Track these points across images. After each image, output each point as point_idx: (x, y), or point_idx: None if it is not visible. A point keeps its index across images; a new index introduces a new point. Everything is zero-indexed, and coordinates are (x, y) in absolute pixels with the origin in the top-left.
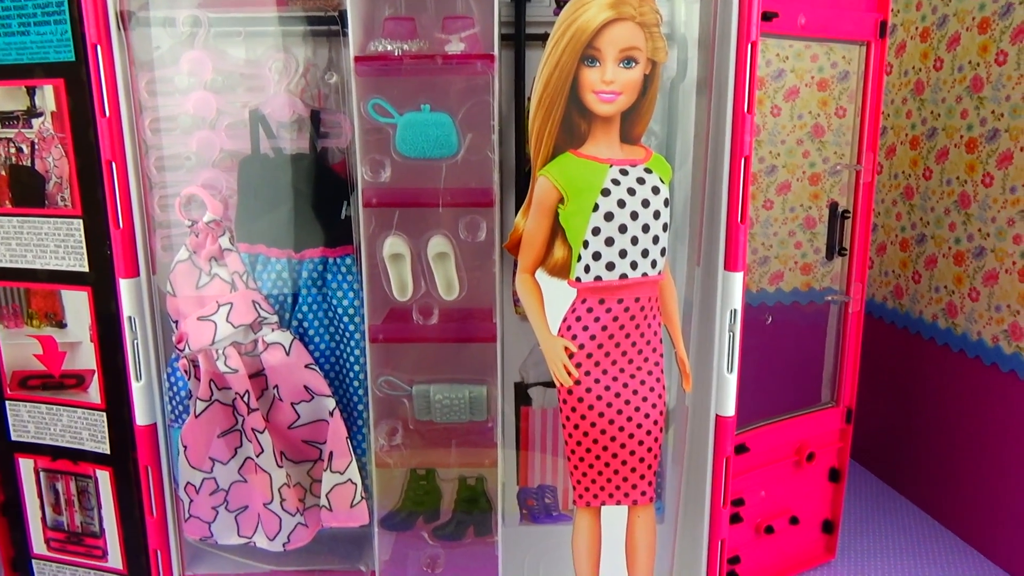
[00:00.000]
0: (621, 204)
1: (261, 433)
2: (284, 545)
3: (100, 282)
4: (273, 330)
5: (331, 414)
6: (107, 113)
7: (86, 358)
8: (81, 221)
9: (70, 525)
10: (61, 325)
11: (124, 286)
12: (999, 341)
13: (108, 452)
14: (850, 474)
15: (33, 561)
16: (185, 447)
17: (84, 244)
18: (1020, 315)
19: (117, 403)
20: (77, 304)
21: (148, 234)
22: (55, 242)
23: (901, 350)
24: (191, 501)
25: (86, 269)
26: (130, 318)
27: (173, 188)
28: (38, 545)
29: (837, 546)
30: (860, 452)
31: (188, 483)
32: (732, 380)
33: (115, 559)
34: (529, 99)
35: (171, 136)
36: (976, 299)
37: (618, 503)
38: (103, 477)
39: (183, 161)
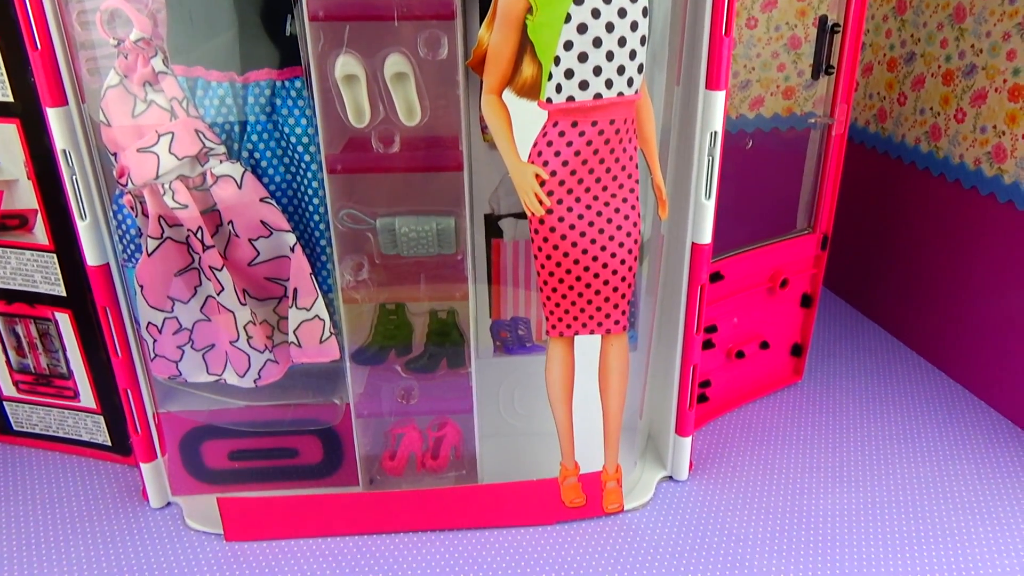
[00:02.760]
0: (595, 14)
1: (219, 271)
2: (255, 382)
3: (28, 113)
4: (222, 162)
5: (292, 250)
6: None
7: (26, 197)
8: None
9: (36, 367)
10: None
11: (52, 116)
12: (981, 164)
13: (64, 294)
14: (821, 300)
15: (4, 403)
16: (141, 287)
17: (3, 69)
18: (1005, 136)
19: (66, 243)
20: (7, 138)
21: (71, 57)
22: None
23: (880, 175)
24: (155, 341)
25: (10, 99)
26: (64, 151)
27: (91, 2)
28: (7, 387)
29: (805, 368)
30: (831, 279)
31: (149, 323)
32: (710, 207)
33: (87, 399)
34: None
35: None
36: (962, 120)
37: (592, 333)
38: (63, 319)
39: None
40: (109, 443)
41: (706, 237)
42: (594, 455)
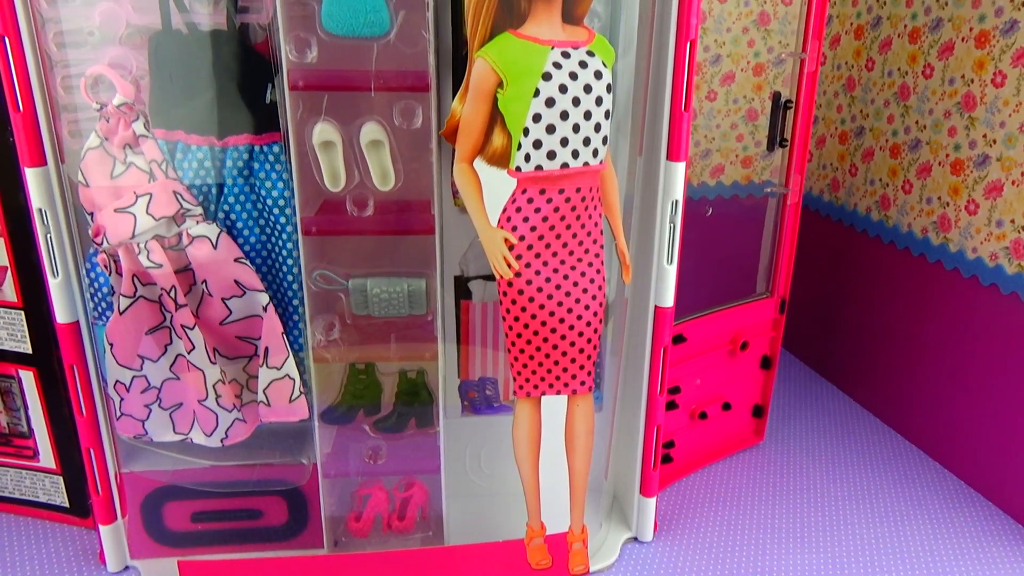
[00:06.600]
0: (563, 89)
1: (191, 329)
2: (222, 441)
3: (5, 171)
4: (198, 222)
5: (265, 309)
6: None
7: None
8: None
9: None
10: None
11: (30, 176)
12: (928, 233)
13: (30, 352)
14: (781, 362)
15: None
16: (111, 345)
17: None
18: (950, 207)
19: (35, 300)
20: None
21: (52, 119)
22: None
23: (835, 242)
24: (122, 399)
25: None
26: (40, 210)
27: (77, 67)
28: None
29: (766, 429)
30: (791, 341)
31: (117, 381)
32: (672, 272)
33: (47, 459)
34: None
35: (70, 8)
36: (909, 191)
37: (558, 393)
38: (27, 377)
39: (86, 37)
40: (67, 504)
41: (668, 300)
42: (560, 516)
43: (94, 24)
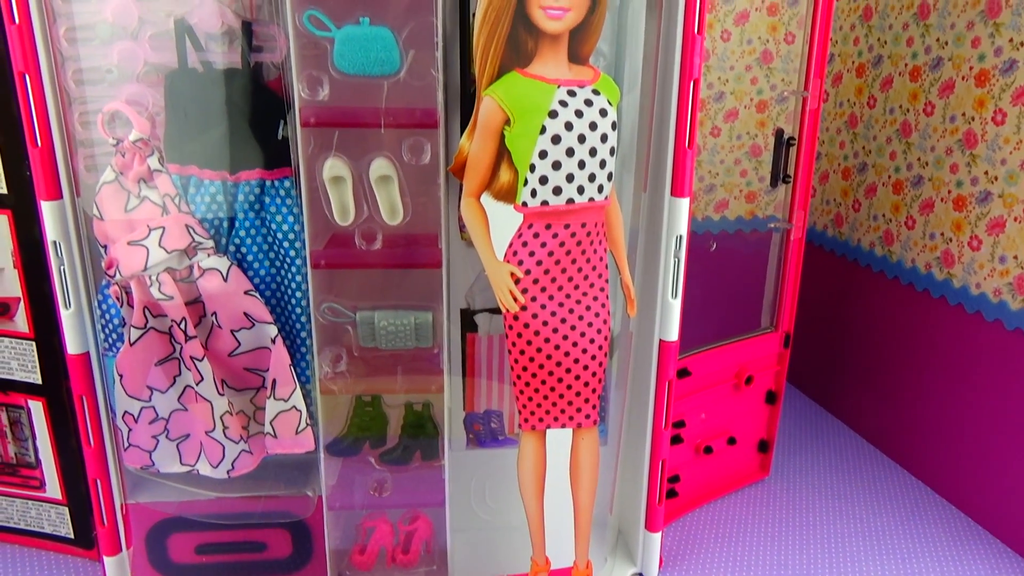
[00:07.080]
0: (568, 127)
1: (200, 361)
2: (228, 472)
3: (20, 205)
4: (209, 255)
5: (273, 341)
6: (16, 20)
7: (10, 285)
8: None
9: (3, 456)
10: None
11: (46, 209)
12: (931, 268)
13: (40, 382)
14: (786, 396)
15: None
16: (121, 376)
17: (0, 164)
18: (952, 243)
19: (46, 331)
20: None
21: (69, 154)
22: None
23: (839, 277)
24: (130, 430)
25: (4, 191)
26: (55, 243)
27: (94, 104)
28: None
29: (771, 464)
30: (795, 375)
31: (126, 412)
32: (676, 306)
33: (53, 489)
34: (474, 14)
35: (89, 47)
36: (912, 227)
37: (563, 426)
38: (36, 407)
39: (104, 74)
40: (72, 536)
41: (673, 334)
42: (565, 550)
43: (112, 62)
